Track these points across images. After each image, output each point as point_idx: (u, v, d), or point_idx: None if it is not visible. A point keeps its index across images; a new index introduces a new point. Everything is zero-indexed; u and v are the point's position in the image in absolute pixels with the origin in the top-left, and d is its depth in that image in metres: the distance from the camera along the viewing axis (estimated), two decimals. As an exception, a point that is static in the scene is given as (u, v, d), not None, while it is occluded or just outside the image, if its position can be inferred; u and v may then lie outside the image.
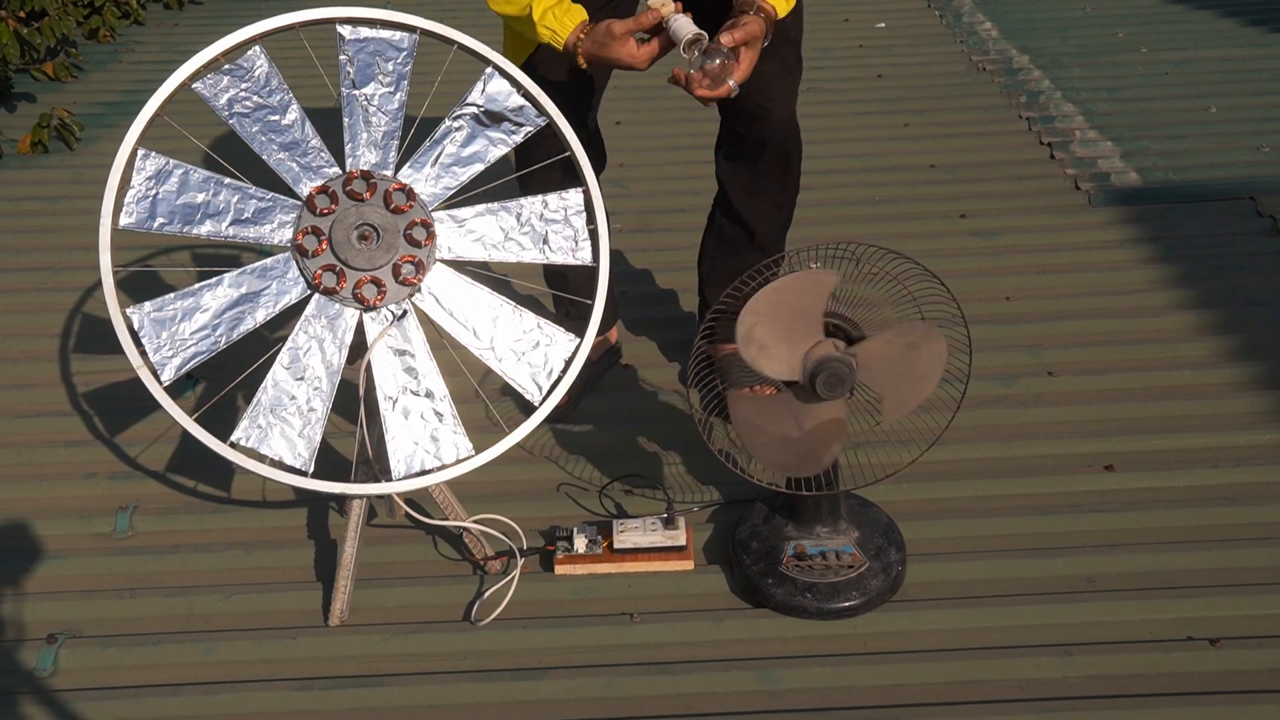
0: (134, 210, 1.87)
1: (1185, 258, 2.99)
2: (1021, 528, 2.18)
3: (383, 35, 1.93)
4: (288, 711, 1.89)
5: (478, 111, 1.94)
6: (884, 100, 3.90)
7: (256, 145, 1.90)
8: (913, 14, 4.77)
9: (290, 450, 1.89)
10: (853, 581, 1.99)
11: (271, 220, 1.90)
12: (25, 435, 2.54)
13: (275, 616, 2.06)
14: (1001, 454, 2.37)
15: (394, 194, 1.89)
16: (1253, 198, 3.22)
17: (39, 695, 1.93)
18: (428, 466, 1.92)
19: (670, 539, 2.10)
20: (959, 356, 1.91)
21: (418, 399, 1.92)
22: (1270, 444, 2.36)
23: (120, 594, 2.12)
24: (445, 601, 2.07)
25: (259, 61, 1.90)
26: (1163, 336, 2.71)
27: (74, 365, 2.76)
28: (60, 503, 2.35)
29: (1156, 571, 2.06)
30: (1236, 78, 4.01)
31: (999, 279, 2.95)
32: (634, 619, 2.01)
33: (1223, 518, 2.17)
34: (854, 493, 2.11)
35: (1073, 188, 3.37)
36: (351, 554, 2.01)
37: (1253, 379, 2.53)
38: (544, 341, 1.96)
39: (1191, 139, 3.62)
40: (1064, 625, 1.97)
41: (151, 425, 2.49)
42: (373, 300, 1.89)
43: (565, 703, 1.89)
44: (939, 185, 3.42)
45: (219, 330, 1.88)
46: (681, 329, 2.79)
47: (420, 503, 2.10)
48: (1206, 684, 1.85)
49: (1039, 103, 3.88)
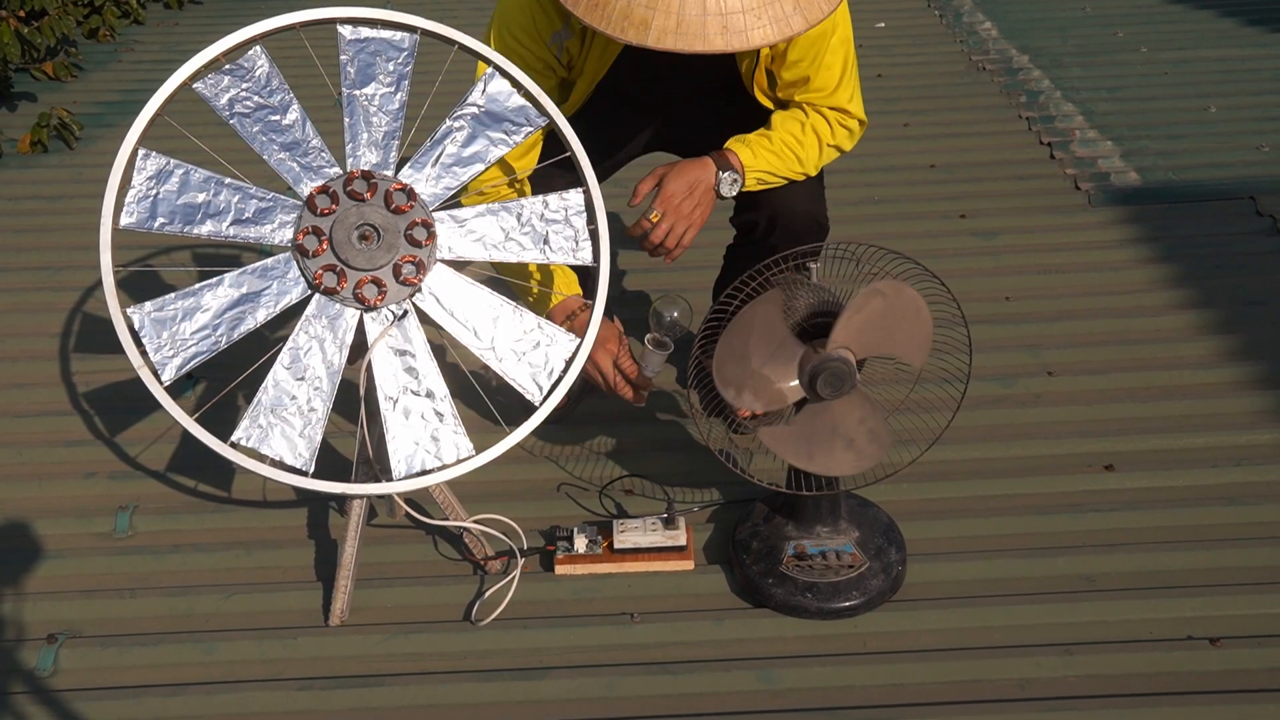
0: (134, 210, 1.87)
1: (1185, 257, 2.99)
2: (1021, 528, 2.18)
3: (383, 35, 1.92)
4: (288, 711, 1.89)
5: (478, 111, 1.94)
6: (884, 100, 3.90)
7: (257, 145, 1.90)
8: (912, 14, 4.77)
9: (291, 450, 1.89)
10: (853, 581, 2.00)
11: (272, 220, 1.90)
12: (25, 435, 2.54)
13: (276, 616, 2.06)
14: (1001, 454, 2.37)
15: (395, 194, 1.89)
16: (1252, 197, 3.23)
17: (39, 695, 1.93)
18: (428, 466, 1.92)
19: (670, 539, 2.10)
20: (959, 357, 1.91)
21: (418, 399, 1.92)
22: (1270, 444, 2.36)
23: (120, 594, 2.12)
24: (446, 601, 2.07)
25: (260, 61, 1.90)
26: (1162, 336, 2.71)
27: (74, 365, 2.76)
28: (60, 502, 2.35)
29: (1156, 571, 2.06)
30: (1236, 77, 4.02)
31: (999, 279, 2.95)
32: (634, 619, 2.01)
33: (1223, 517, 2.18)
34: (854, 493, 2.11)
35: (1073, 187, 3.38)
36: (352, 554, 2.01)
37: (1252, 379, 2.54)
38: (544, 341, 1.96)
39: (1191, 139, 3.62)
40: (1064, 625, 1.97)
41: (152, 425, 2.49)
42: (373, 300, 1.89)
43: (566, 703, 1.89)
44: (939, 185, 3.42)
45: (219, 330, 1.88)
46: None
47: (421, 503, 2.10)
48: (1206, 684, 1.86)
49: (1039, 102, 3.88)
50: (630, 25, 1.76)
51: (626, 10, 1.77)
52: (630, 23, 1.76)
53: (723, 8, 1.77)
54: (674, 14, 1.76)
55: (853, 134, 2.17)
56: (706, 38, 1.76)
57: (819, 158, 2.14)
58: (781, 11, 1.79)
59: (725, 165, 2.04)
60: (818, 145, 2.12)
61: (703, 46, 1.77)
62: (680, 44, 1.76)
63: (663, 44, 1.77)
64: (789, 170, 2.11)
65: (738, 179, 2.04)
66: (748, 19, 1.78)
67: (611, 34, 1.78)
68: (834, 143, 2.14)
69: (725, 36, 1.77)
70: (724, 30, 1.77)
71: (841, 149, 2.18)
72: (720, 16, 1.76)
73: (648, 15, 1.75)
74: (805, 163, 2.12)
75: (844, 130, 2.15)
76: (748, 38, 1.78)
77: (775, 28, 1.79)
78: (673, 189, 2.04)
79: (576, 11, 1.81)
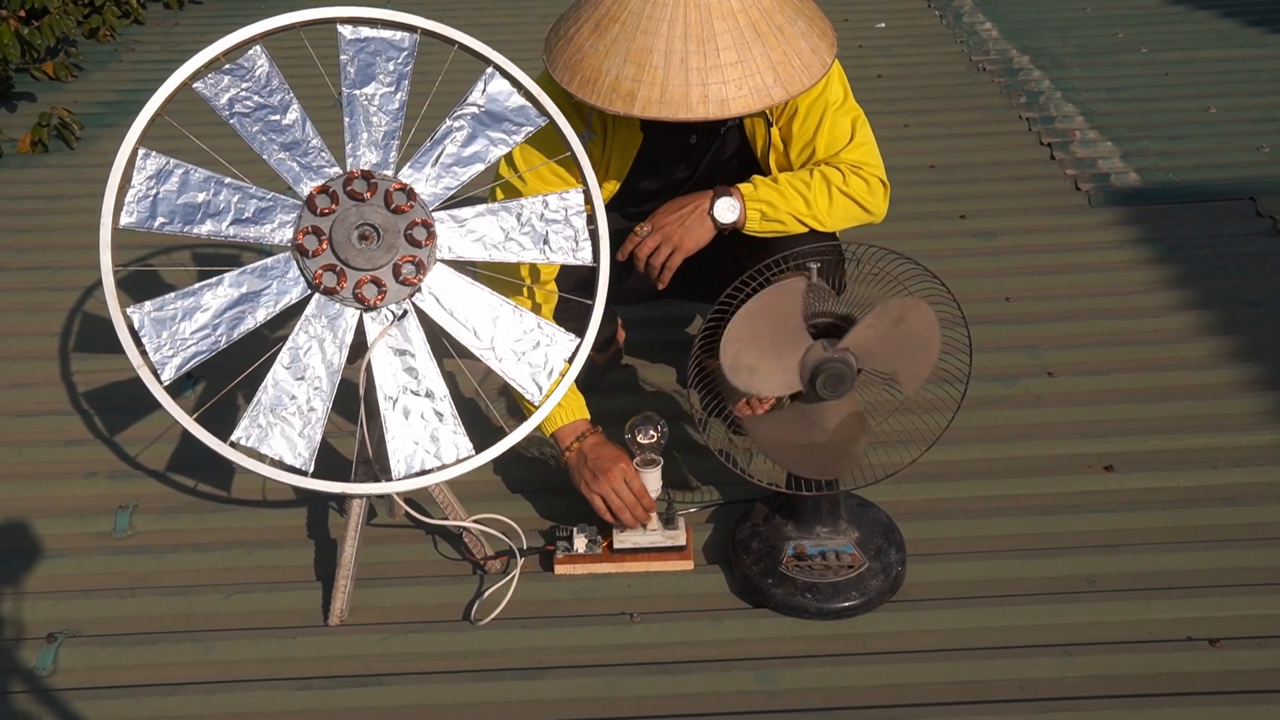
0: (134, 210, 1.87)
1: (1185, 258, 2.99)
2: (1021, 528, 2.18)
3: (383, 35, 1.92)
4: (287, 711, 1.89)
5: (478, 111, 1.94)
6: (884, 100, 3.90)
7: (257, 145, 1.90)
8: (913, 14, 4.77)
9: (290, 450, 1.89)
10: (852, 581, 1.99)
11: (272, 220, 1.90)
12: (25, 434, 2.54)
13: (275, 616, 2.06)
14: (1001, 454, 2.37)
15: (394, 194, 1.89)
16: (1253, 198, 3.23)
17: (38, 694, 1.93)
18: (428, 466, 1.92)
19: (670, 539, 2.10)
20: (959, 357, 1.91)
21: (418, 399, 1.92)
22: (1270, 444, 2.36)
23: (120, 593, 2.12)
24: (445, 601, 2.07)
25: (260, 61, 1.90)
26: (1163, 337, 2.71)
27: (74, 364, 2.76)
28: (60, 502, 2.35)
29: (1156, 571, 2.06)
30: (1236, 78, 4.02)
31: (999, 279, 2.95)
32: (634, 619, 2.01)
33: (1222, 518, 2.17)
34: (854, 493, 2.11)
35: (1073, 188, 3.38)
36: (351, 554, 2.01)
37: (1252, 379, 2.53)
38: (544, 341, 1.96)
39: (1191, 139, 3.62)
40: (1064, 625, 1.97)
41: (151, 424, 2.49)
42: (373, 300, 1.89)
43: (565, 703, 1.89)
44: (939, 185, 3.42)
45: (219, 330, 1.88)
46: (681, 329, 2.79)
47: (420, 502, 2.10)
48: (1206, 684, 1.85)
49: (1039, 103, 3.88)
50: (618, 97, 1.88)
51: (614, 84, 1.88)
52: (618, 94, 1.88)
53: (704, 79, 1.86)
54: (658, 85, 1.86)
55: (871, 186, 2.08)
56: (689, 105, 1.86)
57: (829, 203, 2.06)
58: (762, 83, 1.89)
59: (724, 193, 2.04)
60: (826, 189, 2.05)
61: (686, 114, 1.86)
62: (665, 112, 1.87)
63: (648, 113, 1.87)
64: (795, 208, 2.05)
65: (736, 205, 2.03)
66: (728, 89, 1.87)
67: (600, 105, 1.89)
68: (848, 190, 2.06)
69: (706, 105, 1.87)
70: (705, 100, 1.86)
71: (861, 202, 2.08)
72: (701, 87, 1.86)
73: (634, 88, 1.87)
74: (814, 205, 2.05)
75: (859, 180, 2.07)
76: (728, 106, 1.87)
77: (755, 97, 1.88)
78: (665, 208, 2.07)
79: (570, 87, 1.92)
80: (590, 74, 1.90)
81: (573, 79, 1.92)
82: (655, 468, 2.09)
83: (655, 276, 2.08)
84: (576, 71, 1.92)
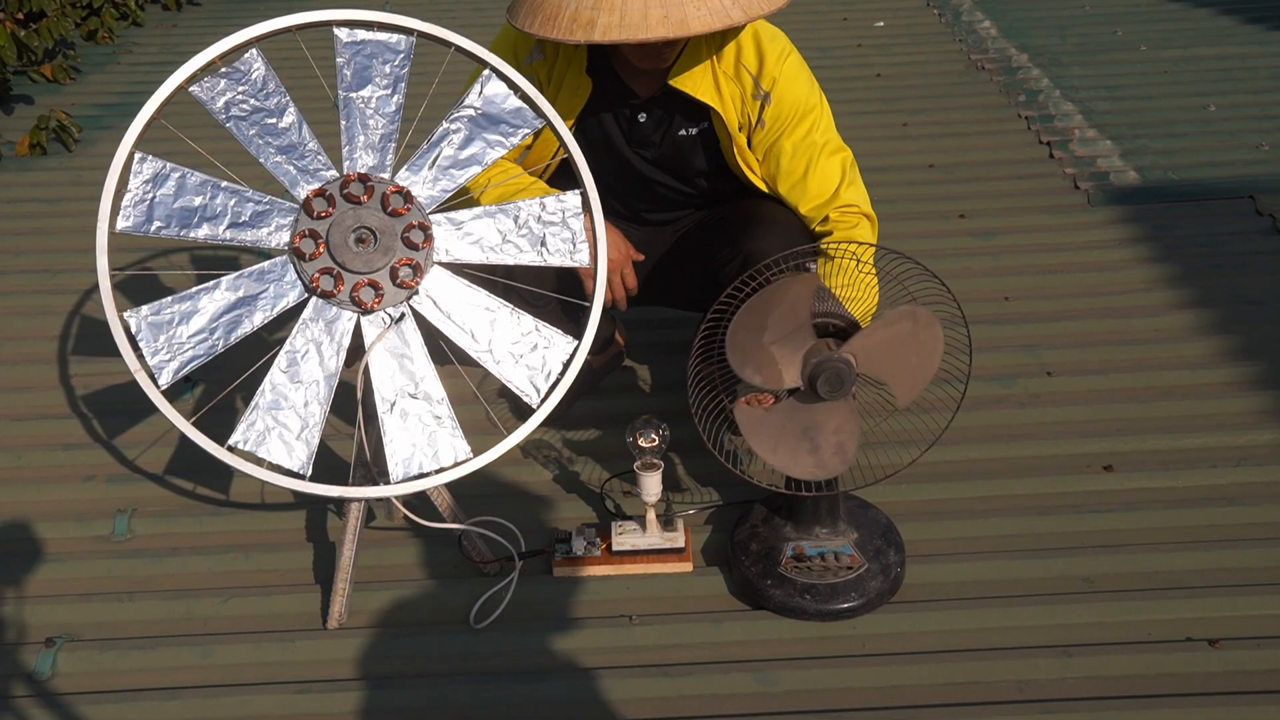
0: (131, 213, 1.86)
1: (1184, 257, 2.99)
2: (1021, 528, 2.18)
3: (379, 38, 1.92)
4: (287, 714, 1.89)
5: (475, 114, 1.94)
6: (883, 100, 3.90)
7: (254, 148, 1.90)
8: (911, 13, 4.77)
9: (288, 453, 1.89)
10: (851, 583, 1.99)
11: (269, 223, 1.90)
12: (24, 438, 2.54)
13: (274, 619, 2.06)
14: (1001, 454, 2.37)
15: (391, 197, 1.89)
16: (1252, 196, 3.22)
17: (38, 698, 1.93)
18: (426, 469, 1.92)
19: (669, 541, 2.10)
20: (959, 357, 1.91)
21: (416, 402, 1.91)
22: (1269, 444, 2.36)
23: (119, 597, 2.11)
24: (444, 604, 2.06)
25: (256, 64, 1.90)
26: (1162, 336, 2.71)
27: (72, 368, 2.76)
28: (59, 505, 2.34)
29: (1156, 572, 2.06)
30: (1235, 76, 4.01)
31: (999, 279, 2.95)
32: (633, 621, 2.01)
33: (1222, 518, 2.17)
34: (853, 494, 2.10)
35: (1072, 187, 3.37)
36: (350, 557, 2.01)
37: (1252, 379, 2.53)
38: (542, 344, 1.96)
39: (1190, 137, 3.61)
40: (1063, 626, 1.96)
41: (150, 428, 2.49)
42: (370, 303, 1.89)
43: (564, 705, 1.89)
44: (938, 185, 3.42)
45: (216, 333, 1.88)
46: (680, 329, 2.78)
47: (419, 505, 2.10)
48: (1206, 684, 1.85)
49: (1038, 101, 3.88)
50: (579, 26, 1.92)
51: (574, 15, 1.93)
52: (578, 24, 1.92)
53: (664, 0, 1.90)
54: (617, 10, 1.91)
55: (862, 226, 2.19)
56: (648, 25, 1.90)
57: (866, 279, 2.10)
58: (721, 5, 1.93)
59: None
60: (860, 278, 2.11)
61: (645, 34, 1.91)
62: (625, 34, 1.91)
63: (609, 36, 1.91)
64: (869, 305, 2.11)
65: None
66: (687, 9, 1.91)
67: (561, 38, 1.93)
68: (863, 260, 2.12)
69: (667, 25, 1.90)
70: (665, 20, 1.90)
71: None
72: (661, 8, 1.90)
73: (594, 15, 1.91)
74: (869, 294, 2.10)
75: (861, 230, 2.18)
76: (688, 25, 1.91)
77: (714, 17, 1.92)
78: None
79: (531, 29, 1.96)
80: (551, 12, 1.95)
81: (534, 21, 1.96)
82: (656, 471, 2.08)
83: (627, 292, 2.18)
84: (538, 13, 1.97)
